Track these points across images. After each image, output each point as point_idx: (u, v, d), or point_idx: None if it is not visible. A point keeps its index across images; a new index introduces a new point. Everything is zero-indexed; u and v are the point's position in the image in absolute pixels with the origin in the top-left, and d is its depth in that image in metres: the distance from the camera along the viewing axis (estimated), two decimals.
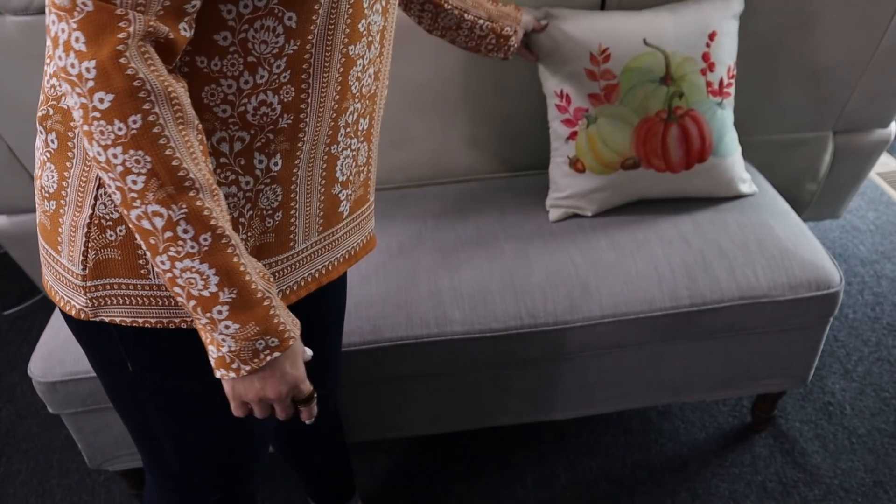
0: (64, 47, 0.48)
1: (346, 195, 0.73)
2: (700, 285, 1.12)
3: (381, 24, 0.66)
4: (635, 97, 1.15)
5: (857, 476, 1.34)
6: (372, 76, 0.68)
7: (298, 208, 0.68)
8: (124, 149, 0.50)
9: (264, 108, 0.59)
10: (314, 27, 0.58)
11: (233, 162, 0.61)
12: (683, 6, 1.17)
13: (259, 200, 0.64)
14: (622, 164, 1.19)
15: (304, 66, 0.59)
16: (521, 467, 1.40)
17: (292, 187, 0.66)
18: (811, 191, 1.55)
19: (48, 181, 0.62)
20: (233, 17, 0.54)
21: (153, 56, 0.50)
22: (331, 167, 0.69)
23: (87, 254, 0.61)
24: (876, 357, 1.57)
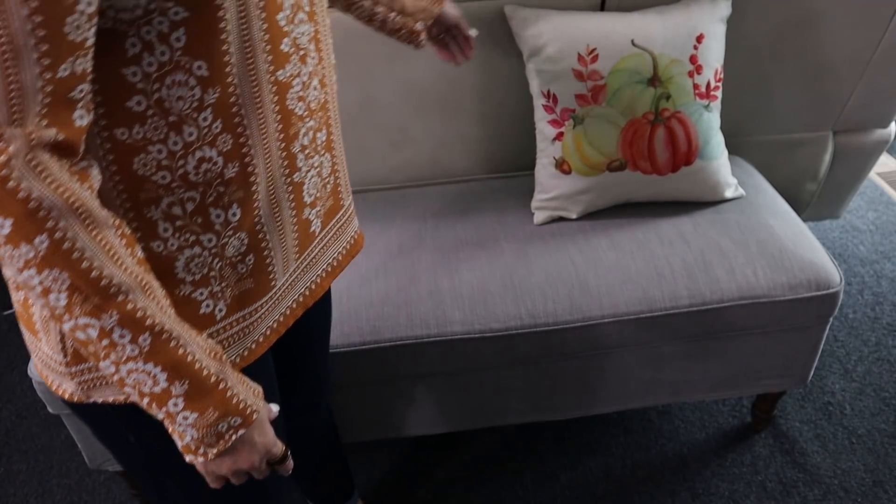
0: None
1: (315, 213, 0.71)
2: (700, 285, 1.12)
3: (312, 31, 0.62)
4: (622, 98, 1.15)
5: (856, 476, 1.34)
6: (317, 87, 0.64)
7: (272, 247, 0.66)
8: (38, 270, 0.47)
9: (205, 164, 0.56)
10: (230, 68, 0.54)
11: (190, 223, 0.58)
12: (671, 8, 1.18)
13: (226, 251, 0.62)
14: (608, 165, 1.19)
15: (233, 111, 0.56)
16: (521, 467, 1.40)
17: (258, 229, 0.63)
18: (811, 191, 1.55)
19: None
20: (139, 79, 0.51)
21: (47, 166, 0.46)
22: (298, 195, 0.66)
23: (64, 342, 0.60)
24: (876, 357, 1.57)
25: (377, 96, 1.27)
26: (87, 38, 0.46)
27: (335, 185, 0.73)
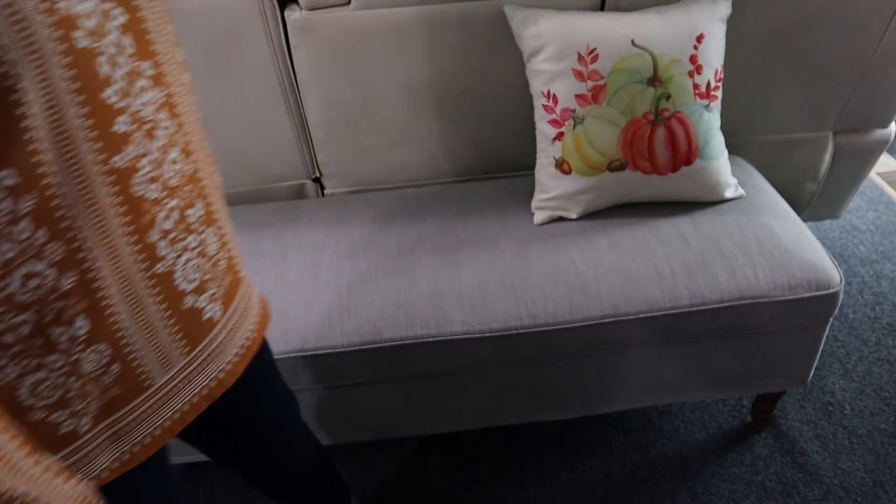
0: None
1: (207, 298, 0.62)
2: (700, 285, 1.12)
3: (161, 97, 0.54)
4: (622, 98, 1.15)
5: (856, 476, 1.34)
6: (179, 159, 0.56)
7: (139, 349, 0.58)
8: None
9: (33, 280, 0.48)
10: (44, 168, 0.46)
11: (27, 348, 0.50)
12: (671, 8, 1.18)
13: (82, 368, 0.54)
14: (608, 165, 1.19)
15: (57, 216, 0.48)
16: (521, 467, 1.40)
17: (119, 336, 0.56)
18: (811, 191, 1.55)
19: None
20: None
21: None
22: (167, 287, 0.57)
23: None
24: (876, 357, 1.57)
25: (377, 96, 1.27)
26: None
27: (229, 260, 0.64)
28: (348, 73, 1.23)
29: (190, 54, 1.20)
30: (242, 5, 1.15)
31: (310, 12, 1.18)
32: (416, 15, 1.18)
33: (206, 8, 1.14)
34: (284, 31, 1.20)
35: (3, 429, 0.42)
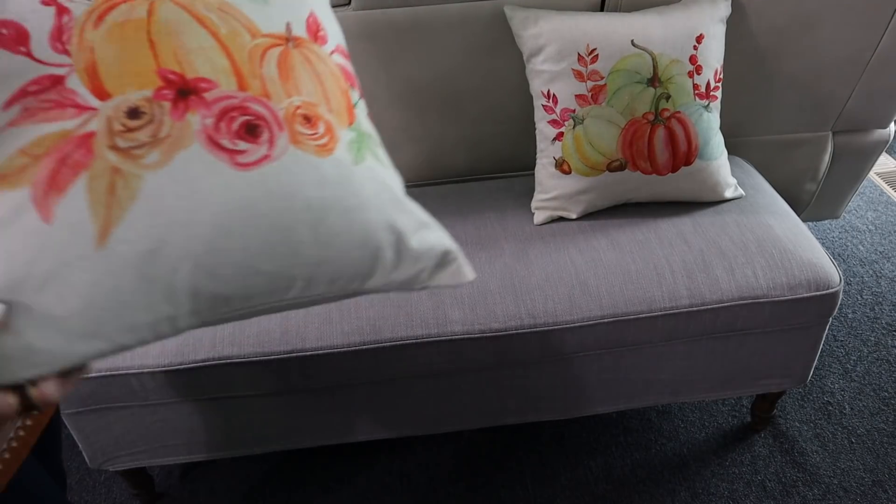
0: None
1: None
2: (700, 285, 1.12)
3: None
4: (622, 98, 1.15)
5: (856, 476, 1.34)
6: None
7: None
8: None
9: None
10: None
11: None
12: (671, 8, 1.18)
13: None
14: (608, 165, 1.19)
15: None
16: (521, 467, 1.41)
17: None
18: (810, 191, 1.55)
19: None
20: None
21: None
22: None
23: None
24: (875, 357, 1.57)
25: (377, 96, 1.27)
26: None
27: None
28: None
29: None
30: None
31: None
32: (416, 15, 1.18)
33: None
34: None
35: None
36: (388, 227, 0.59)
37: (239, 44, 0.54)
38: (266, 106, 0.53)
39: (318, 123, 0.56)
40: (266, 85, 0.54)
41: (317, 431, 1.25)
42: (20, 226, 0.47)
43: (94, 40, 0.51)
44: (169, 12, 0.53)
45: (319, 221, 0.54)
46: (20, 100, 0.49)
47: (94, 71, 0.50)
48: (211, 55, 0.53)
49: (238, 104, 0.53)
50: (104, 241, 0.48)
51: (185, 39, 0.52)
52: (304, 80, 0.57)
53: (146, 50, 0.51)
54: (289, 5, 0.60)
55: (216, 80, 0.52)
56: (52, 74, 0.50)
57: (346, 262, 0.57)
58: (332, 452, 1.46)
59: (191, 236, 0.50)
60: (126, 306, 0.50)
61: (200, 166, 0.50)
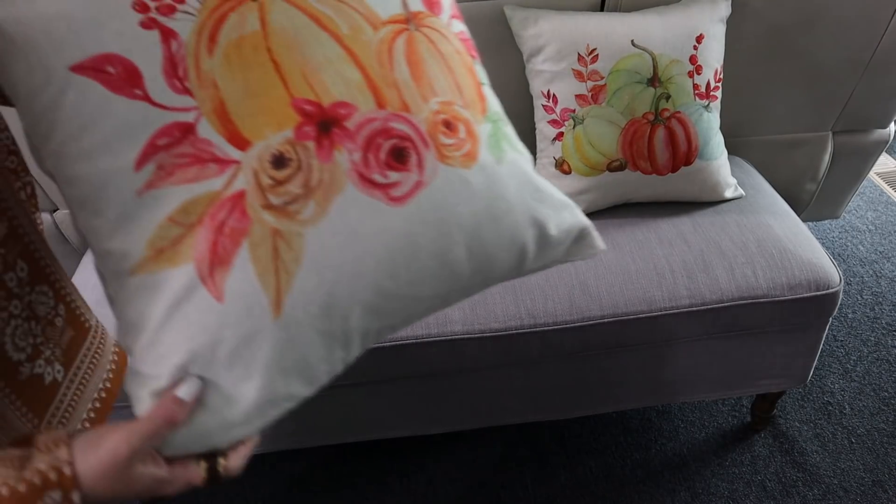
0: None
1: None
2: (699, 285, 1.12)
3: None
4: (622, 98, 1.15)
5: (856, 475, 1.34)
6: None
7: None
8: None
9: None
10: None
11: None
12: (671, 9, 1.18)
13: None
14: (608, 165, 1.19)
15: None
16: (521, 467, 1.41)
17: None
18: (811, 191, 1.55)
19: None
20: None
21: None
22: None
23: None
24: (875, 357, 1.57)
25: None
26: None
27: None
28: None
29: None
30: None
31: None
32: None
33: None
34: None
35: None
36: (532, 222, 0.58)
37: (364, 44, 0.51)
38: (408, 121, 0.51)
39: (458, 127, 0.54)
40: (402, 94, 0.51)
41: (316, 432, 1.25)
42: (193, 305, 0.45)
43: (214, 71, 0.46)
44: (283, 16, 0.49)
45: (472, 237, 0.53)
46: (152, 156, 0.45)
47: (223, 113, 0.46)
48: (340, 68, 0.49)
49: (381, 127, 0.50)
50: (279, 311, 0.46)
51: (308, 52, 0.49)
52: (436, 73, 0.54)
53: (273, 75, 0.48)
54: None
55: (353, 101, 0.49)
56: (180, 122, 0.45)
57: (496, 266, 0.56)
58: (330, 453, 1.46)
59: (358, 284, 0.49)
60: (307, 364, 0.49)
61: (357, 210, 0.48)
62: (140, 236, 0.46)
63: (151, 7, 0.46)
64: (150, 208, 0.45)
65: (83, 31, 0.44)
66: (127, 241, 0.46)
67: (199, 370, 0.46)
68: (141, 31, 0.45)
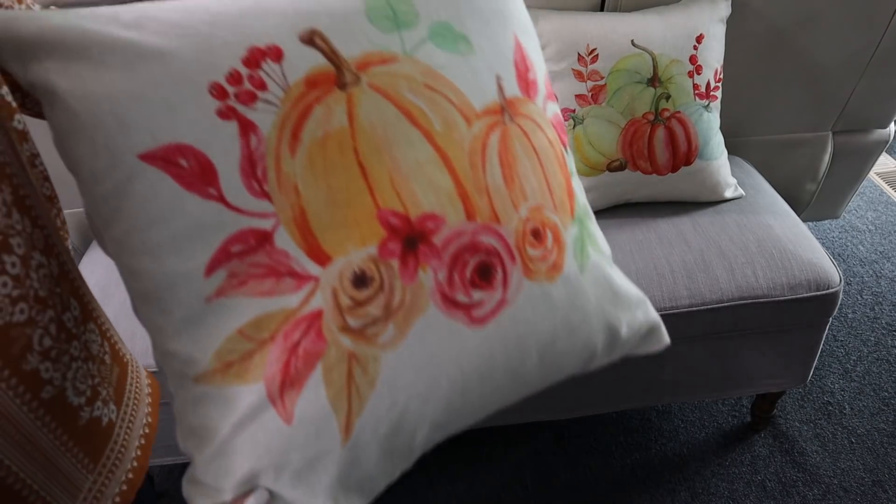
0: None
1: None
2: (699, 285, 1.12)
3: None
4: (622, 98, 1.15)
5: (856, 475, 1.34)
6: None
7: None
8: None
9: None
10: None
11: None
12: (671, 9, 1.18)
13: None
14: (608, 165, 1.19)
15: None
16: (520, 467, 1.41)
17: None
18: (811, 191, 1.55)
19: None
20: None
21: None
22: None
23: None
24: (875, 357, 1.57)
25: None
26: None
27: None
28: None
29: None
30: None
31: None
32: None
33: None
34: None
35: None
36: (606, 327, 0.56)
37: (456, 143, 0.48)
38: (497, 234, 0.48)
39: (545, 236, 0.52)
40: (493, 202, 0.48)
41: None
42: (261, 426, 0.43)
43: (296, 174, 0.43)
44: (372, 110, 0.45)
45: (547, 350, 0.52)
46: (223, 263, 0.42)
47: (304, 223, 0.43)
48: (431, 174, 0.46)
49: (469, 242, 0.47)
50: (349, 434, 0.44)
51: (398, 154, 0.45)
52: (528, 173, 0.52)
53: (359, 181, 0.44)
54: (493, 42, 0.53)
55: (442, 212, 0.46)
56: (256, 229, 0.42)
57: (563, 370, 0.55)
58: None
59: (429, 405, 0.47)
60: (369, 479, 0.48)
61: (437, 333, 0.46)
62: (207, 345, 0.43)
63: (230, 93, 0.42)
64: (219, 317, 0.42)
65: (155, 116, 0.40)
66: (193, 348, 0.43)
67: (266, 483, 0.44)
68: (218, 120, 0.41)
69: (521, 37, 0.56)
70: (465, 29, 0.51)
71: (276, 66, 0.43)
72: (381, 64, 0.46)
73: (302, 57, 0.44)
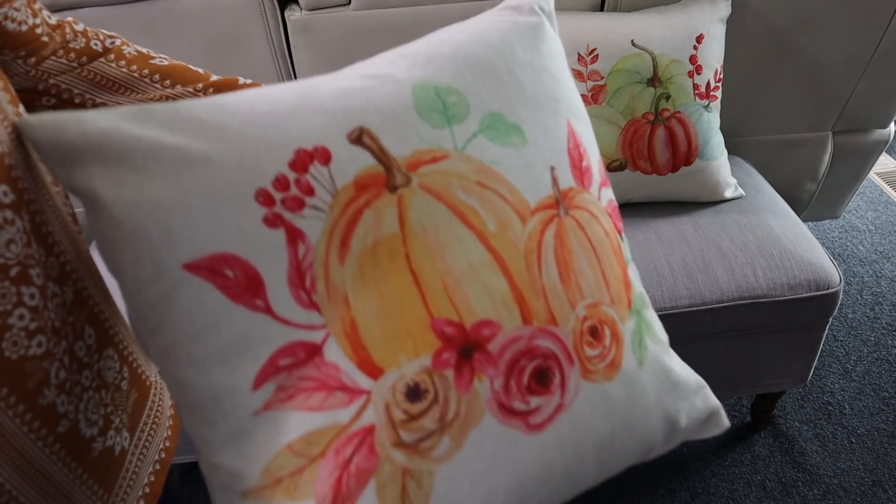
0: None
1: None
2: (699, 285, 1.12)
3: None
4: (622, 98, 1.15)
5: (856, 475, 1.34)
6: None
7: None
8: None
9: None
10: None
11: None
12: (671, 8, 1.18)
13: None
14: (608, 165, 1.19)
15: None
16: None
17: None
18: (811, 191, 1.55)
19: None
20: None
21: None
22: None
23: None
24: (875, 357, 1.57)
25: None
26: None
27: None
28: None
29: (190, 53, 1.20)
30: (243, 5, 1.15)
31: (310, 12, 1.18)
32: (416, 15, 1.18)
33: (207, 7, 1.14)
34: (284, 31, 1.20)
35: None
36: (665, 419, 0.54)
37: (511, 244, 0.46)
38: (554, 336, 0.47)
39: (603, 334, 0.50)
40: (550, 303, 0.47)
41: None
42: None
43: (346, 284, 0.41)
44: (424, 212, 0.43)
45: (605, 450, 0.50)
46: (272, 376, 0.40)
47: (355, 335, 0.42)
48: (485, 278, 0.45)
49: (526, 347, 0.46)
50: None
51: (451, 258, 0.44)
52: (584, 268, 0.50)
53: (411, 290, 0.42)
54: (547, 131, 0.51)
55: (498, 318, 0.45)
56: (305, 342, 0.41)
57: (620, 466, 0.53)
58: None
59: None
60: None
61: (493, 443, 0.44)
62: (256, 459, 0.41)
63: (277, 200, 0.40)
64: (268, 431, 0.40)
65: (200, 225, 0.38)
66: (240, 462, 0.41)
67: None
68: (265, 229, 0.39)
69: (574, 122, 0.54)
70: (518, 118, 0.49)
71: (324, 169, 0.41)
72: (432, 162, 0.45)
73: (350, 158, 0.42)
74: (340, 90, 0.44)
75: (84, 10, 1.14)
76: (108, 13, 1.15)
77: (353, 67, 0.48)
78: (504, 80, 0.49)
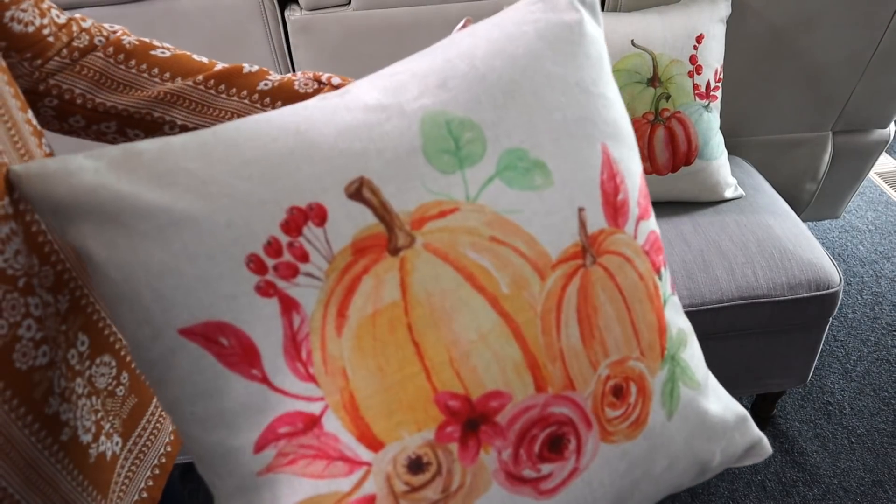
0: None
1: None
2: (699, 285, 1.12)
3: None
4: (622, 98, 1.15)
5: (856, 475, 1.34)
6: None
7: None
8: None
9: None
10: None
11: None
12: (671, 9, 1.18)
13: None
14: None
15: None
16: None
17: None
18: (810, 191, 1.55)
19: None
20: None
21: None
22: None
23: None
24: (875, 357, 1.57)
25: None
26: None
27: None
28: (348, 74, 1.23)
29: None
30: (243, 5, 1.15)
31: (310, 12, 1.18)
32: (416, 15, 1.18)
33: (207, 7, 1.14)
34: (284, 31, 1.20)
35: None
36: (694, 462, 0.51)
37: (527, 304, 0.42)
38: (570, 402, 0.44)
39: (629, 391, 0.46)
40: (568, 368, 0.43)
41: None
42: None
43: (343, 357, 0.39)
44: (428, 276, 0.40)
45: (623, 501, 0.48)
46: (272, 442, 0.39)
47: (354, 408, 0.40)
48: (496, 346, 0.41)
49: (538, 416, 0.43)
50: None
51: (457, 326, 0.41)
52: (611, 323, 0.46)
53: (413, 362, 0.40)
54: (576, 163, 0.45)
55: (508, 388, 0.42)
56: (304, 413, 0.40)
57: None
58: None
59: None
60: None
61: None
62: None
63: (269, 267, 0.38)
64: (273, 491, 0.40)
65: (191, 291, 0.37)
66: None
67: None
68: (257, 297, 0.38)
69: (612, 146, 0.48)
70: (542, 152, 0.44)
71: (320, 231, 0.39)
72: (440, 217, 0.41)
73: (348, 216, 0.39)
74: (340, 129, 0.41)
75: (84, 10, 1.14)
76: (108, 13, 1.15)
77: (360, 89, 0.44)
78: (529, 104, 0.44)
